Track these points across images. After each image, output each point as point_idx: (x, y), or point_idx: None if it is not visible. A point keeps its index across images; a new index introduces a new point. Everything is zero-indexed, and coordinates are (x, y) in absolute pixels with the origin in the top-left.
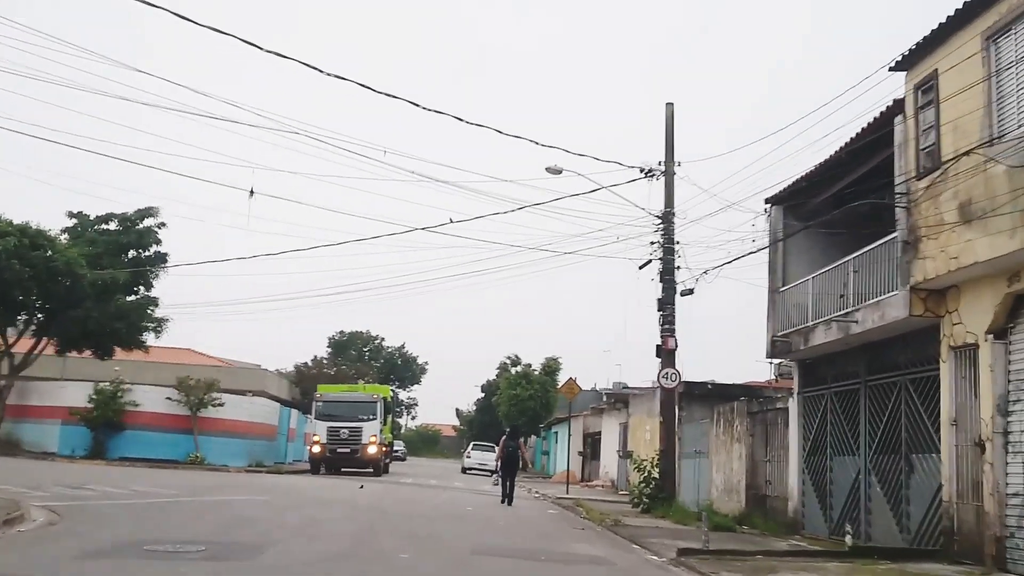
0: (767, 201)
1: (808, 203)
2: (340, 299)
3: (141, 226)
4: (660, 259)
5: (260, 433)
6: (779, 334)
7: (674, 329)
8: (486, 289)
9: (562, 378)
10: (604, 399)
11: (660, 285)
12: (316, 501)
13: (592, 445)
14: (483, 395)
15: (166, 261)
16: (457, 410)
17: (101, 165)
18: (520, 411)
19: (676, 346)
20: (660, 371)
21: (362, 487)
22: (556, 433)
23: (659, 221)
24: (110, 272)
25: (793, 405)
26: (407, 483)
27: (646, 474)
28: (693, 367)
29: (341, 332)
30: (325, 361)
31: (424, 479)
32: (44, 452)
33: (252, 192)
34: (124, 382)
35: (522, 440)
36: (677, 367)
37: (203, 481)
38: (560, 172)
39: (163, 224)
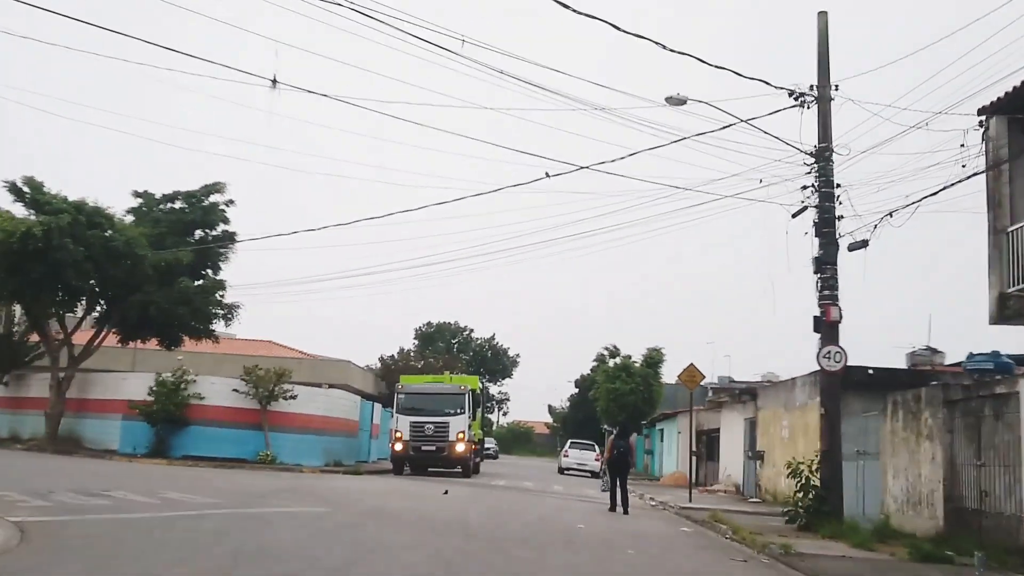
0: (981, 112)
1: None
2: (418, 275)
3: (207, 203)
4: (816, 207)
5: (339, 429)
6: (1014, 289)
7: (837, 295)
8: (583, 267)
9: (666, 371)
10: (710, 393)
11: (816, 240)
12: (385, 515)
13: (708, 444)
14: (577, 390)
15: (234, 241)
16: (550, 406)
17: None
18: (620, 406)
19: (840, 317)
20: (820, 350)
21: (447, 492)
22: (662, 431)
23: (813, 160)
24: (173, 252)
25: None
26: (500, 486)
27: (803, 481)
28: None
29: (428, 323)
30: (412, 353)
31: (518, 481)
32: (105, 450)
33: (275, 81)
34: (187, 372)
35: (633, 439)
36: (840, 345)
37: (261, 485)
38: (684, 102)
39: (231, 201)
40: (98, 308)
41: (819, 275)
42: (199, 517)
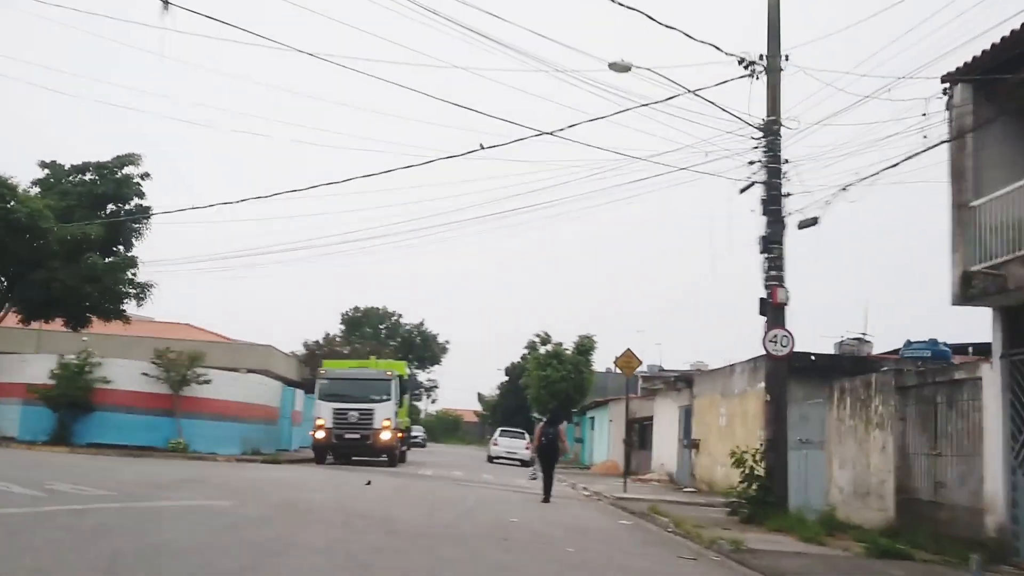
0: (945, 80)
1: (1012, 79)
2: (345, 251)
3: (120, 175)
4: (763, 183)
5: (257, 416)
6: (980, 267)
7: (783, 276)
8: (515, 249)
9: (598, 358)
10: (640, 382)
11: (764, 219)
12: (298, 509)
13: (640, 432)
14: (507, 378)
15: (148, 215)
16: (479, 394)
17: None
18: (551, 394)
19: (787, 299)
20: (767, 333)
21: (369, 483)
22: (592, 419)
23: (761, 134)
24: (79, 225)
25: (991, 375)
26: (427, 475)
27: (747, 471)
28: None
29: (355, 308)
30: (338, 339)
31: (446, 470)
32: (2, 437)
33: (167, 2)
34: (93, 355)
35: (563, 427)
36: (787, 328)
37: (167, 475)
38: (628, 69)
39: (147, 175)
40: None
41: (765, 255)
42: (82, 512)
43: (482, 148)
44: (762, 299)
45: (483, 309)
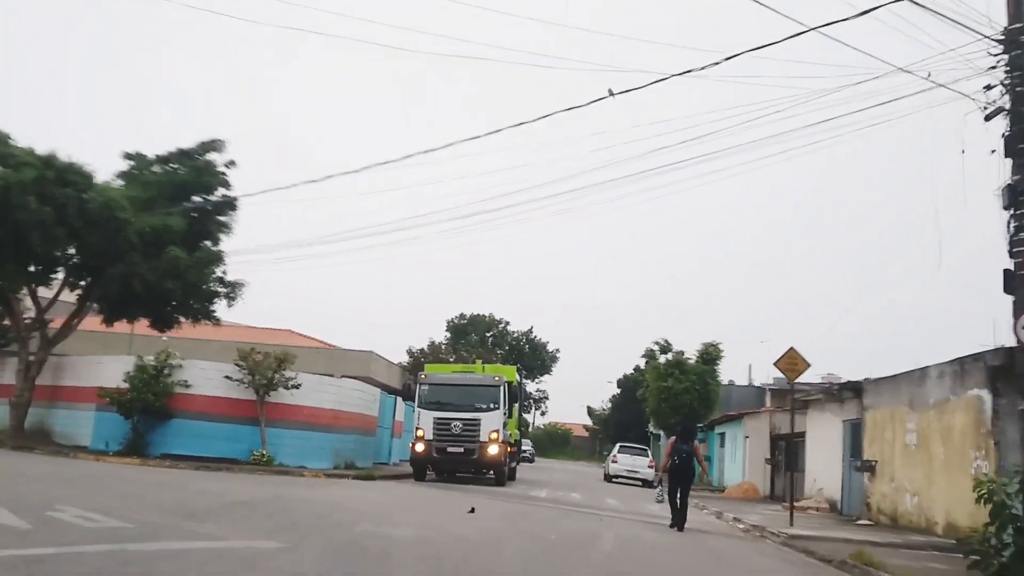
0: None
1: None
2: (444, 232)
3: (201, 162)
4: (1010, 112)
5: (352, 425)
6: None
7: None
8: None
9: (724, 368)
10: (768, 395)
11: (1010, 162)
12: (366, 555)
13: (786, 451)
14: (620, 391)
15: (234, 207)
16: (589, 408)
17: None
18: (672, 407)
19: None
20: (1018, 318)
21: (472, 511)
22: (722, 434)
23: (1001, 48)
24: (160, 217)
25: None
26: (541, 498)
27: (1003, 509)
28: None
29: (461, 315)
30: (443, 346)
31: (562, 490)
32: (74, 445)
33: None
34: (173, 356)
35: (698, 443)
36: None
37: (231, 494)
38: None
39: (232, 162)
40: (69, 281)
41: (1012, 211)
42: (40, 560)
43: (611, 95)
44: (1007, 271)
45: (594, 318)
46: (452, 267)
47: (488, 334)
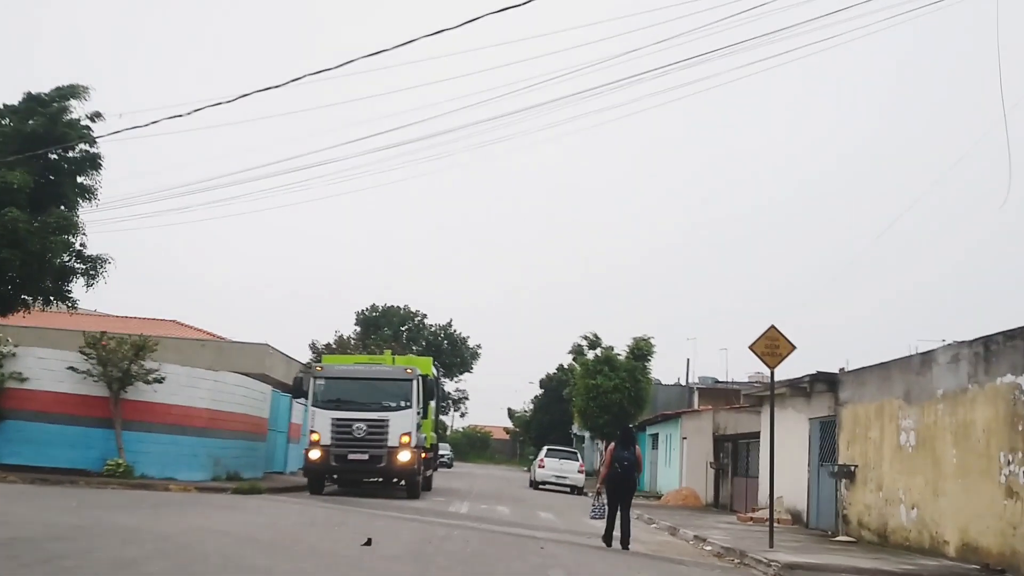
0: None
1: None
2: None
3: (54, 108)
4: None
5: (236, 428)
6: None
7: None
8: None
9: (656, 366)
10: (696, 395)
11: None
12: None
13: (733, 454)
14: (542, 391)
15: (97, 165)
16: (509, 409)
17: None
18: (601, 406)
19: None
20: None
21: (369, 543)
22: (655, 436)
23: None
24: (4, 174)
25: None
26: (462, 515)
27: None
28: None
29: (372, 307)
30: (352, 340)
31: (485, 501)
32: None
33: None
34: (4, 341)
35: (639, 450)
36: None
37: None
38: None
39: (97, 114)
40: None
41: None
42: None
43: None
44: None
45: (512, 314)
46: (361, 251)
47: (403, 328)
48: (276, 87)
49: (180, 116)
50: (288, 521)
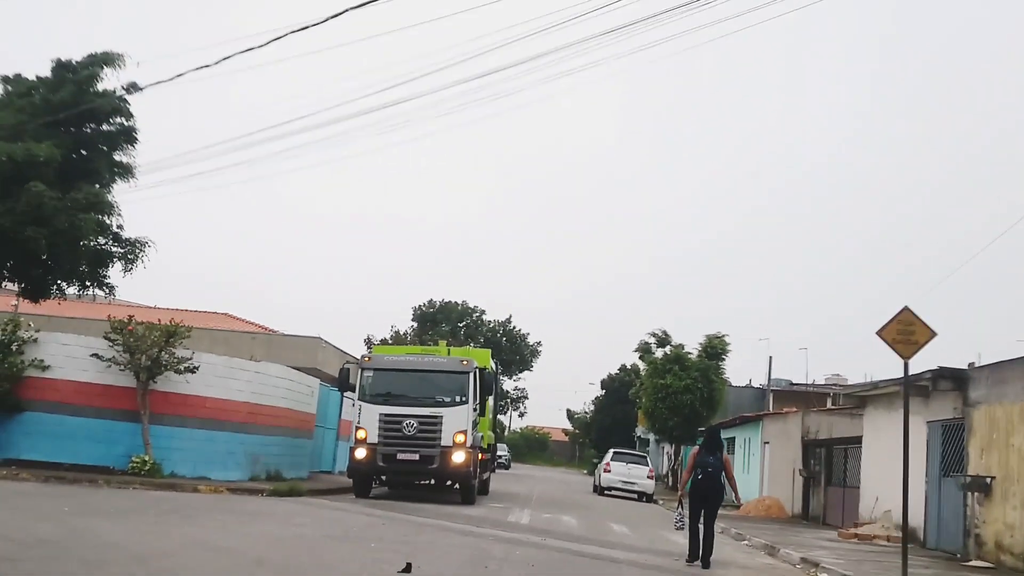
0: None
1: None
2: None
3: (83, 76)
4: None
5: (278, 424)
6: None
7: None
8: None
9: (731, 366)
10: (770, 397)
11: None
12: None
13: (826, 461)
14: (603, 392)
15: (134, 139)
16: (568, 411)
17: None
18: (670, 408)
19: None
20: None
21: (407, 570)
22: (730, 440)
23: None
24: (23, 144)
25: None
26: (522, 526)
27: None
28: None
29: (429, 302)
30: (409, 337)
31: (548, 509)
32: None
33: None
34: (25, 326)
35: (728, 456)
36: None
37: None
38: None
39: (134, 85)
40: None
41: None
42: None
43: None
44: None
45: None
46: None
47: (461, 324)
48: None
49: (207, 66)
50: (318, 532)
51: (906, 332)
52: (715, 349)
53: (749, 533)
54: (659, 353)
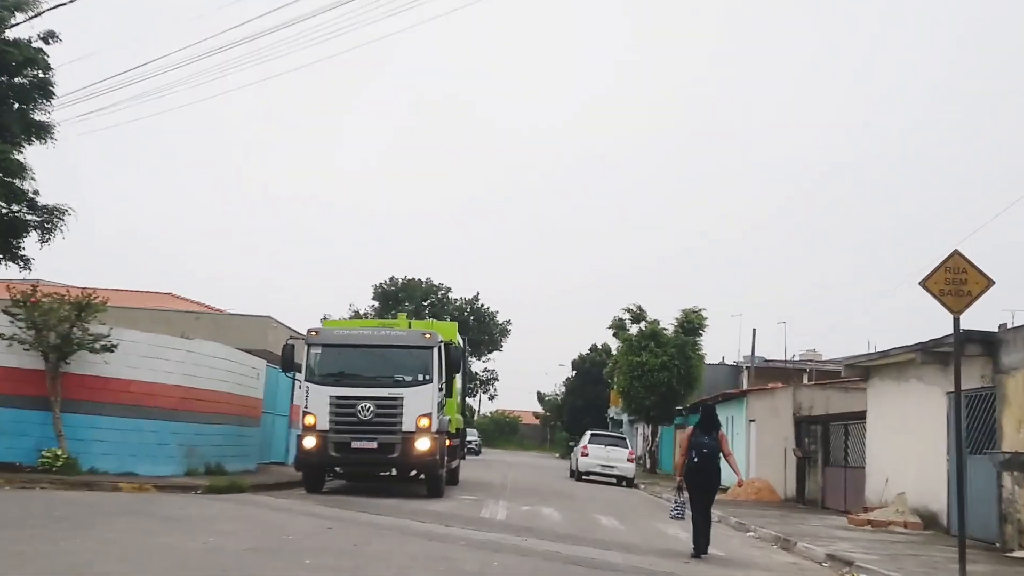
0: None
1: None
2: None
3: None
4: None
5: (219, 410)
6: None
7: None
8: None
9: (710, 340)
10: (746, 373)
11: None
12: None
13: (823, 439)
14: (574, 372)
15: (48, 92)
16: (539, 393)
17: None
18: (646, 386)
19: None
20: None
21: None
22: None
23: None
24: None
25: None
26: (498, 523)
27: None
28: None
29: (391, 279)
30: (369, 316)
31: (525, 499)
32: None
33: None
34: None
35: (724, 433)
36: None
37: None
38: None
39: (52, 35)
40: None
41: None
42: None
43: None
44: None
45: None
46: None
47: (425, 302)
48: None
49: None
50: (242, 544)
51: (956, 281)
52: (692, 324)
53: (751, 522)
54: (634, 329)
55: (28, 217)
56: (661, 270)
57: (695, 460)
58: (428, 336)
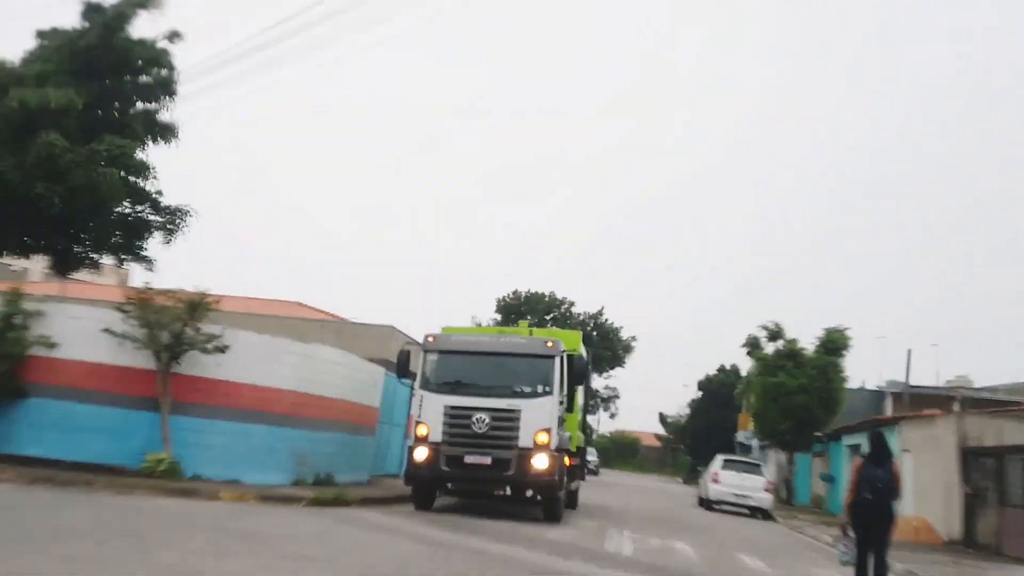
0: None
1: None
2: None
3: (110, 15)
4: None
5: (333, 417)
6: None
7: None
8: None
9: (850, 363)
10: (888, 400)
11: None
12: None
13: (998, 475)
14: (701, 394)
15: (171, 90)
16: (661, 414)
17: None
18: (782, 410)
19: None
20: None
21: None
22: (857, 447)
23: None
24: (41, 92)
25: None
26: (623, 560)
27: None
28: None
29: (514, 293)
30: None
31: (652, 531)
32: None
33: None
34: (27, 297)
35: (898, 465)
36: None
37: None
38: None
39: (176, 34)
40: None
41: None
42: None
43: None
44: None
45: (666, 310)
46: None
47: (548, 316)
48: None
49: None
50: (322, 573)
51: None
52: (835, 344)
53: (921, 570)
54: (770, 348)
55: (151, 218)
56: (798, 286)
57: (868, 497)
58: (550, 344)
